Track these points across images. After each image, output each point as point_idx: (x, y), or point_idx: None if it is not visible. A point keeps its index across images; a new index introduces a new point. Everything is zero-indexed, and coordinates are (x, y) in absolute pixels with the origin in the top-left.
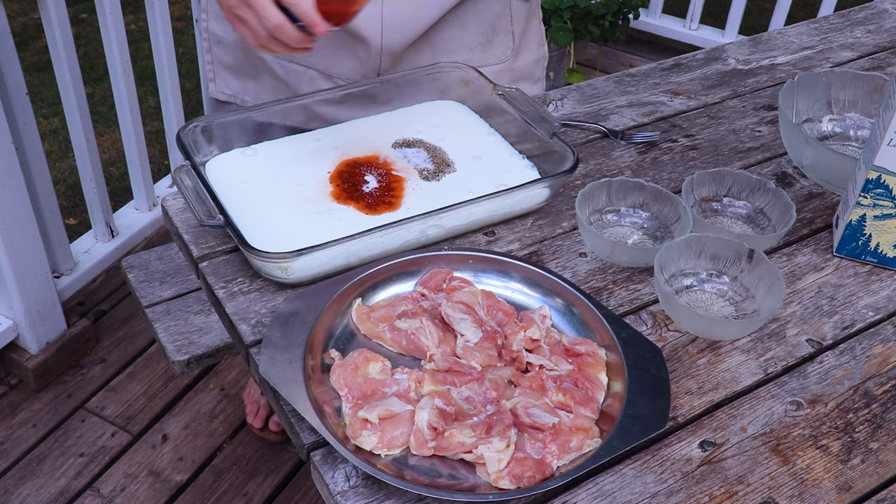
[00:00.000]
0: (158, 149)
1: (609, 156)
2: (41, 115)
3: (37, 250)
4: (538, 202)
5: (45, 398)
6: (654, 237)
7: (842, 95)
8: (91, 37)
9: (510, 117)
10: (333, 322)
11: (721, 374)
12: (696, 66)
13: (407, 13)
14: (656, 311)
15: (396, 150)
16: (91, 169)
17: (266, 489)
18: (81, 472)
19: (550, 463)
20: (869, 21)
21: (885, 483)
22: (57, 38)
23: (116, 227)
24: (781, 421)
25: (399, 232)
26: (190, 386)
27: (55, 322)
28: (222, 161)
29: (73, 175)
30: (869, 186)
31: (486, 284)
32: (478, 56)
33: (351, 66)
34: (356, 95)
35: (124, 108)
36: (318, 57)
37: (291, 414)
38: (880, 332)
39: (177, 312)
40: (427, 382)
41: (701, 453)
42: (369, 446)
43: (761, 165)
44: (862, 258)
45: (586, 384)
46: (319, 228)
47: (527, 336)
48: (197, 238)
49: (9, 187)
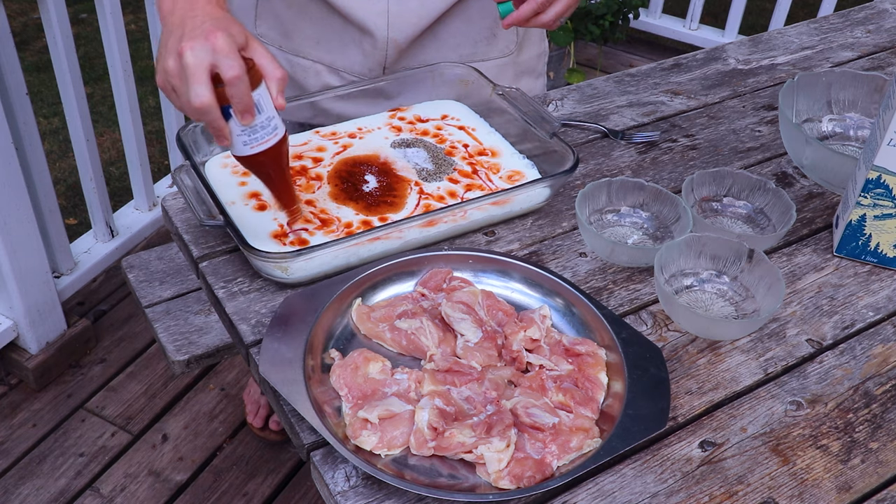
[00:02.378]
0: (158, 149)
1: (609, 156)
2: (41, 115)
3: (37, 250)
4: (538, 202)
5: (45, 398)
6: (654, 237)
7: (842, 95)
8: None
9: (510, 117)
10: (333, 322)
11: (721, 374)
12: (696, 66)
13: (412, 7)
14: (656, 311)
15: (396, 150)
16: (91, 169)
17: (266, 489)
18: (81, 472)
19: (550, 463)
20: (869, 21)
21: (885, 483)
22: (57, 38)
23: (116, 227)
24: (781, 421)
25: (399, 232)
26: (190, 386)
27: (55, 322)
28: (222, 160)
29: (73, 175)
30: (869, 186)
31: (486, 284)
32: (482, 50)
33: (357, 59)
34: (360, 92)
35: (124, 108)
36: (324, 51)
37: (291, 414)
38: (880, 332)
39: (177, 312)
40: (427, 382)
41: (701, 453)
42: (369, 446)
43: (761, 165)
44: (862, 258)
45: (586, 384)
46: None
47: (527, 336)
48: (197, 238)
49: (9, 187)
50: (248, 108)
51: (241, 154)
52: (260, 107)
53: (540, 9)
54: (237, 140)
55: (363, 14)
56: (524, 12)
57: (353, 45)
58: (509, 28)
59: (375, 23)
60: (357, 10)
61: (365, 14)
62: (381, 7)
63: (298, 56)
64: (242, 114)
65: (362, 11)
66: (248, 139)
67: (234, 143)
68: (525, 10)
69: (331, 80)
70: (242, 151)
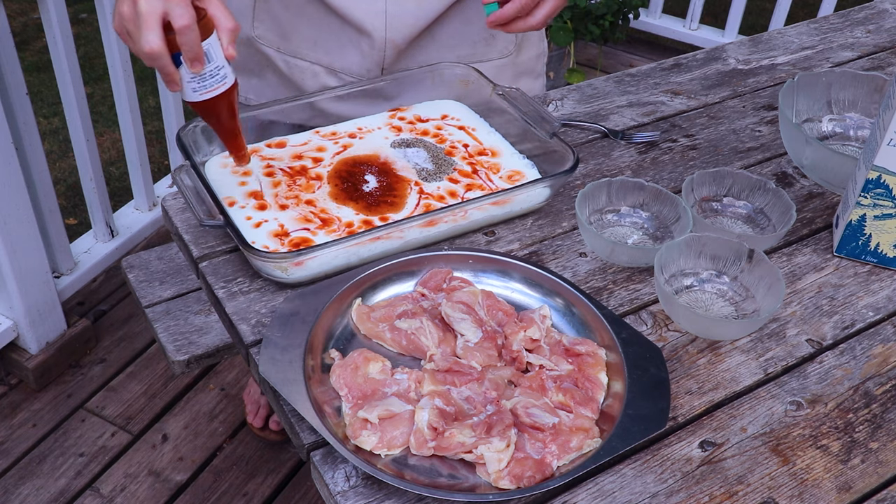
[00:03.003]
0: (158, 149)
1: (609, 156)
2: (41, 115)
3: (37, 250)
4: (538, 202)
5: (45, 398)
6: (654, 237)
7: (842, 95)
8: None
9: (510, 117)
10: (333, 322)
11: (721, 374)
12: (696, 66)
13: (410, 8)
14: (656, 311)
15: (396, 150)
16: (91, 169)
17: (266, 489)
18: (81, 472)
19: (550, 463)
20: (869, 21)
21: (885, 483)
22: (57, 38)
23: (116, 227)
24: (781, 421)
25: (399, 232)
26: (190, 386)
27: (55, 322)
28: (222, 160)
29: (73, 175)
30: (869, 186)
31: (486, 284)
32: (481, 51)
33: (355, 60)
34: (360, 92)
35: (124, 108)
36: (322, 52)
37: (291, 414)
38: (880, 332)
39: (177, 312)
40: (427, 382)
41: (701, 453)
42: (369, 446)
43: (761, 165)
44: (862, 258)
45: (586, 384)
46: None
47: (527, 336)
48: (197, 238)
49: (9, 187)
50: (197, 57)
51: (190, 99)
52: (210, 56)
53: (523, 10)
54: (187, 86)
55: (360, 15)
56: (508, 11)
57: (350, 46)
58: (494, 27)
59: (373, 23)
60: (354, 11)
61: (362, 15)
62: (379, 7)
63: (296, 57)
64: (192, 62)
65: (359, 12)
66: (197, 86)
67: (185, 89)
68: (509, 10)
69: (329, 82)
70: (192, 97)
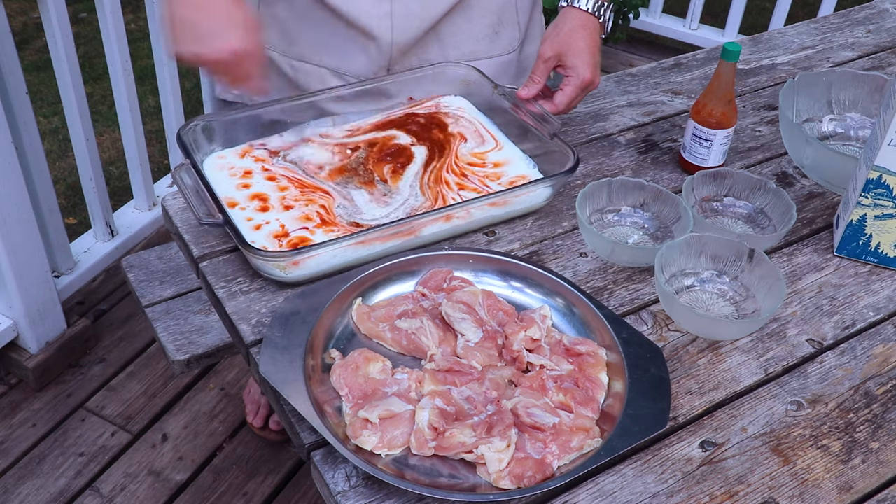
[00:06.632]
0: (158, 148)
1: (609, 156)
2: (41, 115)
3: (37, 250)
4: (539, 202)
5: (44, 398)
6: (654, 237)
7: (842, 95)
8: (91, 36)
9: (511, 117)
10: (334, 322)
11: (721, 374)
12: (697, 65)
13: (415, 9)
14: (657, 311)
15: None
16: (91, 168)
17: (266, 489)
18: (81, 472)
19: (551, 463)
20: (869, 21)
21: (885, 483)
22: (57, 37)
23: (116, 226)
24: (782, 421)
25: (399, 232)
26: (190, 386)
27: (55, 321)
28: (222, 159)
29: (73, 175)
30: (870, 186)
31: (487, 284)
32: (485, 48)
33: (361, 62)
34: (362, 92)
35: (124, 108)
36: (328, 55)
37: (291, 414)
38: (881, 332)
39: (177, 312)
40: (427, 382)
41: (701, 453)
42: (369, 446)
43: (762, 165)
44: (862, 258)
45: (587, 384)
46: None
47: (527, 336)
48: (197, 238)
49: (9, 187)
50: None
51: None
52: None
53: (573, 104)
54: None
55: (367, 19)
56: (559, 99)
57: (357, 50)
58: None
59: (379, 27)
60: (360, 16)
61: (368, 19)
62: (384, 11)
63: (302, 61)
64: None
65: (365, 16)
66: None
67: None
68: (560, 99)
69: (335, 84)
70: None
